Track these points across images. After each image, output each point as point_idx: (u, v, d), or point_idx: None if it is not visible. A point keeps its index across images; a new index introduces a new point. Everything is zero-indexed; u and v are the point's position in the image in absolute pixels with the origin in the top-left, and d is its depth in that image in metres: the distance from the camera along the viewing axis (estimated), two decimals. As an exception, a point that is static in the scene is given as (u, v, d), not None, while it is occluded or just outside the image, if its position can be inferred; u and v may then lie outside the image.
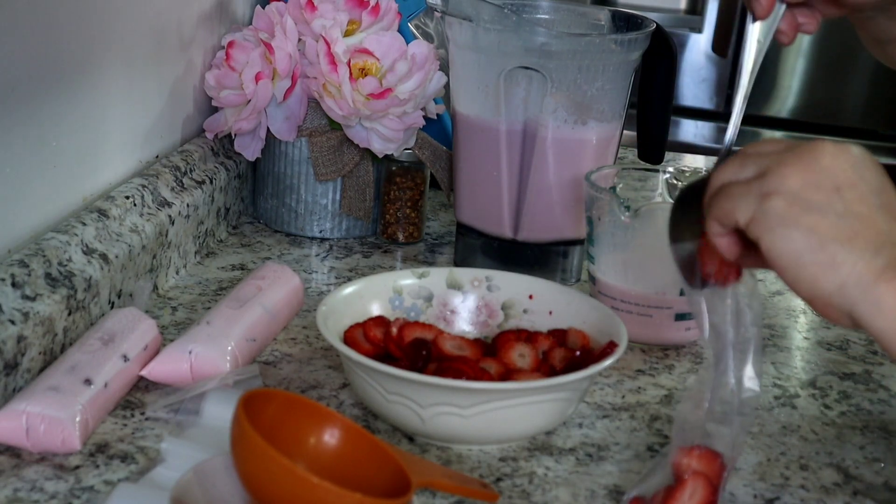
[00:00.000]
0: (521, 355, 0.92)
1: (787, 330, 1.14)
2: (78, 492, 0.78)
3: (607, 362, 0.86)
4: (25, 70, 0.91)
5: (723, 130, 2.08)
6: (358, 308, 0.95)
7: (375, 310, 0.96)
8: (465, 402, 0.83)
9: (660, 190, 1.11)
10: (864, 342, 1.12)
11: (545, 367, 0.91)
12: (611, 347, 0.89)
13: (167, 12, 1.16)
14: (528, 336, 0.94)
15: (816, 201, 0.67)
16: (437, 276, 1.00)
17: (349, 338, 0.91)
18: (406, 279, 0.99)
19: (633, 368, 1.03)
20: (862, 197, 0.68)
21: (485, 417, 0.83)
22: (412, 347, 0.90)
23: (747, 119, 0.96)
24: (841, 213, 0.67)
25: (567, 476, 0.84)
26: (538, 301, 1.00)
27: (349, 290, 0.96)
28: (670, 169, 1.11)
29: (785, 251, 0.68)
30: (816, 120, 2.52)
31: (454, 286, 1.00)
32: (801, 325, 1.16)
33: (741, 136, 0.90)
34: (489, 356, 0.92)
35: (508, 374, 0.89)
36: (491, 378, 0.88)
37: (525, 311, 1.00)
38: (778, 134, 2.51)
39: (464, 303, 1.00)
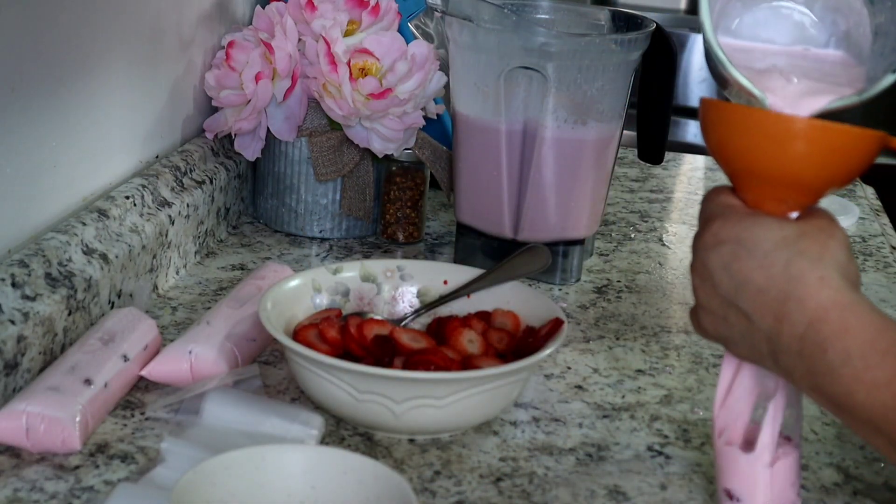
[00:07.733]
0: (470, 341, 0.92)
1: (787, 330, 1.14)
2: (78, 492, 0.78)
3: (561, 337, 0.89)
4: (26, 70, 0.91)
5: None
6: (285, 312, 0.94)
7: (301, 313, 0.95)
8: (442, 393, 0.83)
9: None
10: (864, 342, 1.12)
11: (491, 350, 0.92)
12: (557, 324, 0.91)
13: (167, 12, 1.16)
14: (463, 321, 0.95)
15: (725, 335, 0.75)
16: (351, 271, 1.00)
17: (301, 340, 0.89)
18: (322, 276, 0.99)
19: (633, 368, 1.03)
20: (737, 314, 0.72)
21: (458, 405, 0.84)
22: (377, 345, 0.90)
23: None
24: (740, 337, 0.73)
25: (567, 476, 0.84)
26: (453, 286, 1.01)
27: (274, 294, 0.93)
28: None
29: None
30: (816, 120, 2.51)
31: (368, 279, 1.01)
32: (801, 325, 1.16)
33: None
34: (441, 345, 0.92)
35: (466, 360, 0.90)
36: (457, 366, 0.88)
37: (442, 297, 1.00)
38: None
39: (379, 294, 1.01)
